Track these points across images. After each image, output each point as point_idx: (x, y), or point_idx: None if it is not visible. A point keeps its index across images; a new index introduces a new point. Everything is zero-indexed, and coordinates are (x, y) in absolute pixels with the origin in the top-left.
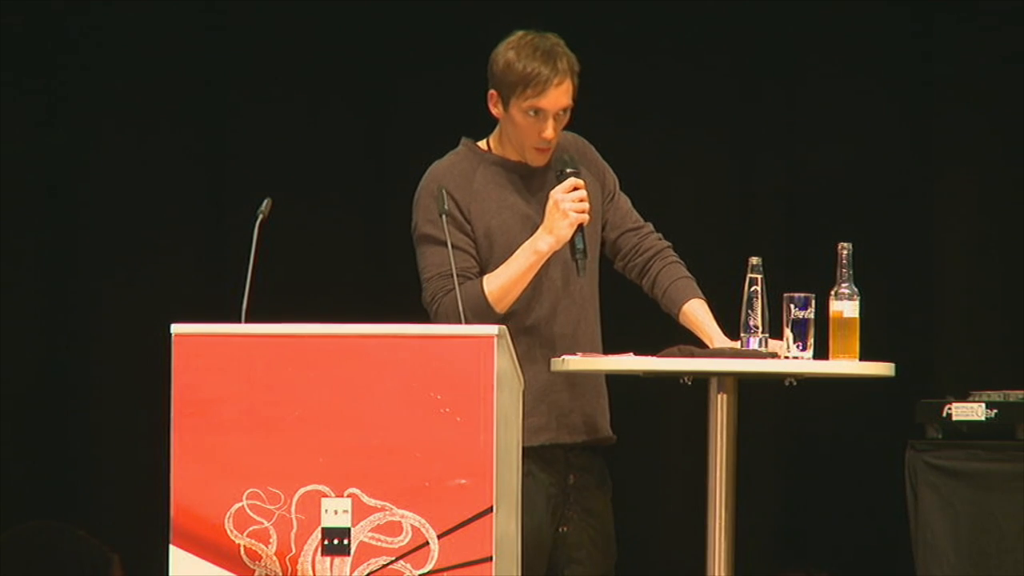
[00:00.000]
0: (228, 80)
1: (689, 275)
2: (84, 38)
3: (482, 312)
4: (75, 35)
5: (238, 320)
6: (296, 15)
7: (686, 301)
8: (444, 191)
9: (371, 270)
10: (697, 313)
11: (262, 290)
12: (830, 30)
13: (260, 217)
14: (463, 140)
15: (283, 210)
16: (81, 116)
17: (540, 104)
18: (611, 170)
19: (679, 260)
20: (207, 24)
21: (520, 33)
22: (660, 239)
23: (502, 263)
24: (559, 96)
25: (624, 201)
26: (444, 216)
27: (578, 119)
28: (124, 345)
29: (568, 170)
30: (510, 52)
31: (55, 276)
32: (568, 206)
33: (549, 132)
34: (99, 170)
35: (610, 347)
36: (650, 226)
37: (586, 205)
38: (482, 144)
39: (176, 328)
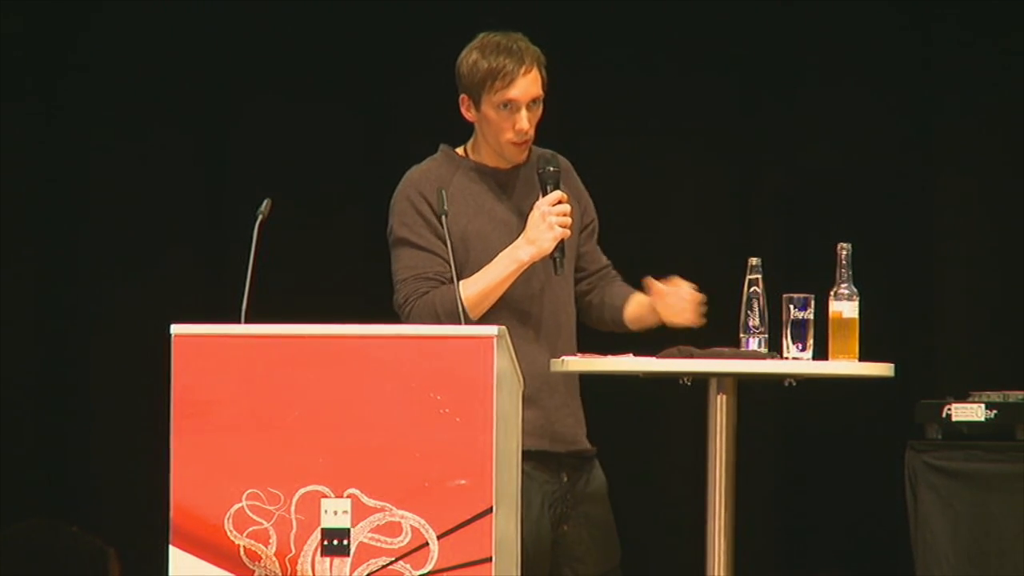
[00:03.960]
0: (228, 80)
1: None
2: (84, 38)
3: (457, 318)
4: (75, 35)
5: (238, 320)
6: (296, 15)
7: (631, 293)
8: (443, 192)
9: (371, 270)
10: (639, 295)
11: (262, 290)
12: (829, 31)
13: (260, 218)
14: (441, 146)
15: (283, 210)
16: (81, 116)
17: (510, 95)
18: (592, 201)
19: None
20: (207, 24)
21: (481, 35)
22: (617, 275)
23: (478, 268)
24: (528, 85)
25: (597, 236)
26: (444, 216)
27: (578, 121)
28: (124, 345)
29: (550, 168)
30: (473, 53)
31: (55, 276)
32: (554, 219)
33: (523, 123)
34: (99, 170)
35: (610, 348)
36: (611, 264)
37: (568, 220)
38: (459, 150)
39: (176, 328)
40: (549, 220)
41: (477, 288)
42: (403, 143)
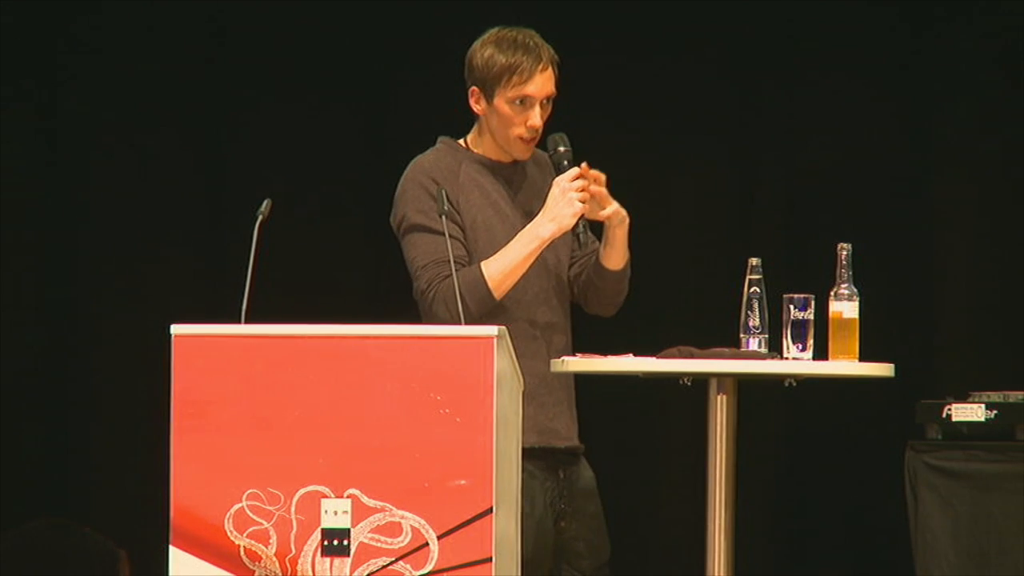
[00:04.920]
0: (228, 80)
1: None
2: (83, 39)
3: (481, 298)
4: (74, 36)
5: (238, 320)
6: (296, 16)
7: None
8: (444, 192)
9: (371, 270)
10: None
11: (262, 290)
12: (829, 30)
13: (260, 218)
14: (441, 138)
15: (283, 211)
16: (81, 116)
17: (527, 91)
18: None
19: None
20: (207, 25)
21: (495, 29)
22: None
23: (483, 258)
24: (544, 82)
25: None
26: (444, 217)
27: (578, 118)
28: (124, 345)
29: (561, 148)
30: (489, 47)
31: (55, 277)
32: (574, 195)
33: (536, 120)
34: (99, 170)
35: (610, 348)
36: None
37: (588, 195)
38: (460, 142)
39: (176, 329)
40: (569, 196)
41: (499, 267)
42: (403, 143)
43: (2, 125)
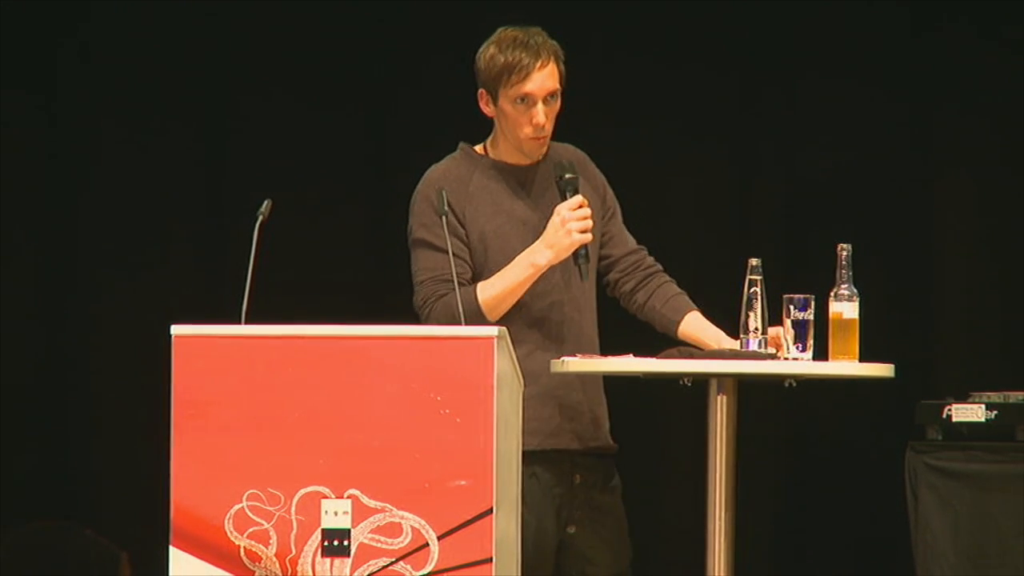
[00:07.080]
0: (228, 81)
1: (683, 293)
2: (84, 38)
3: (475, 320)
4: (75, 35)
5: (238, 321)
6: (297, 15)
7: (688, 311)
8: (444, 193)
9: (371, 270)
10: (700, 321)
11: (262, 291)
12: (830, 30)
13: (260, 218)
14: (460, 144)
15: (283, 211)
16: (81, 116)
17: (526, 89)
18: (610, 187)
19: (672, 280)
20: (208, 24)
21: (500, 29)
22: (655, 261)
23: (497, 268)
24: (544, 79)
25: (621, 219)
26: (444, 217)
27: (578, 119)
28: (124, 345)
29: (567, 175)
30: (491, 47)
31: (55, 277)
32: (574, 225)
33: (540, 117)
34: (99, 170)
35: (610, 348)
36: (644, 249)
37: (590, 223)
38: (479, 148)
39: (176, 329)
40: (568, 226)
41: (494, 291)
42: (404, 143)
43: (2, 125)
